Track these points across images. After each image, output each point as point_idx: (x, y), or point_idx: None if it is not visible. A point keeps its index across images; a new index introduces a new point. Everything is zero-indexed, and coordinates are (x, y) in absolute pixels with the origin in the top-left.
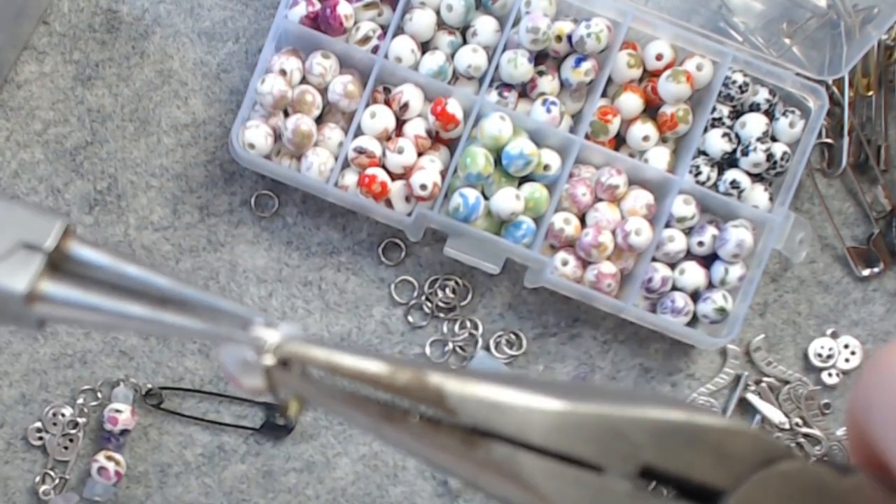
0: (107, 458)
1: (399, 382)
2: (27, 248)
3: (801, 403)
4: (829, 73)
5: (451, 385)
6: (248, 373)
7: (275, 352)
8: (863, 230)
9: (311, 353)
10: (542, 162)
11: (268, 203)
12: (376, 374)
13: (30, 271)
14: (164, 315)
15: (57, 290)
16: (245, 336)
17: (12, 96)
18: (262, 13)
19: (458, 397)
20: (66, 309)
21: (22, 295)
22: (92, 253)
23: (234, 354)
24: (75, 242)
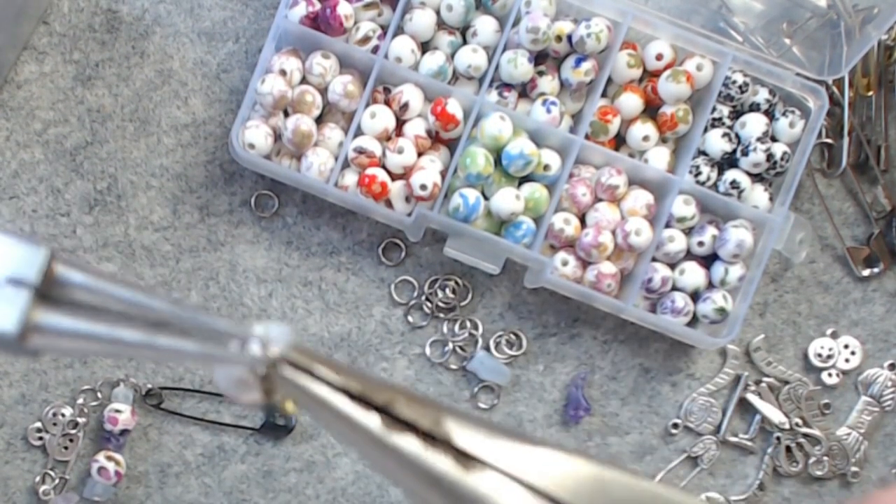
0: (107, 458)
1: (398, 405)
2: (13, 284)
3: (801, 403)
4: (829, 73)
5: (449, 415)
6: (245, 389)
7: (270, 364)
8: (863, 230)
9: (309, 366)
10: (542, 162)
11: (268, 203)
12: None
13: (18, 309)
14: (157, 339)
15: (49, 321)
16: (240, 356)
17: (12, 96)
18: (262, 13)
19: (455, 425)
20: (60, 339)
21: (14, 336)
22: (79, 276)
23: (230, 373)
24: (62, 266)
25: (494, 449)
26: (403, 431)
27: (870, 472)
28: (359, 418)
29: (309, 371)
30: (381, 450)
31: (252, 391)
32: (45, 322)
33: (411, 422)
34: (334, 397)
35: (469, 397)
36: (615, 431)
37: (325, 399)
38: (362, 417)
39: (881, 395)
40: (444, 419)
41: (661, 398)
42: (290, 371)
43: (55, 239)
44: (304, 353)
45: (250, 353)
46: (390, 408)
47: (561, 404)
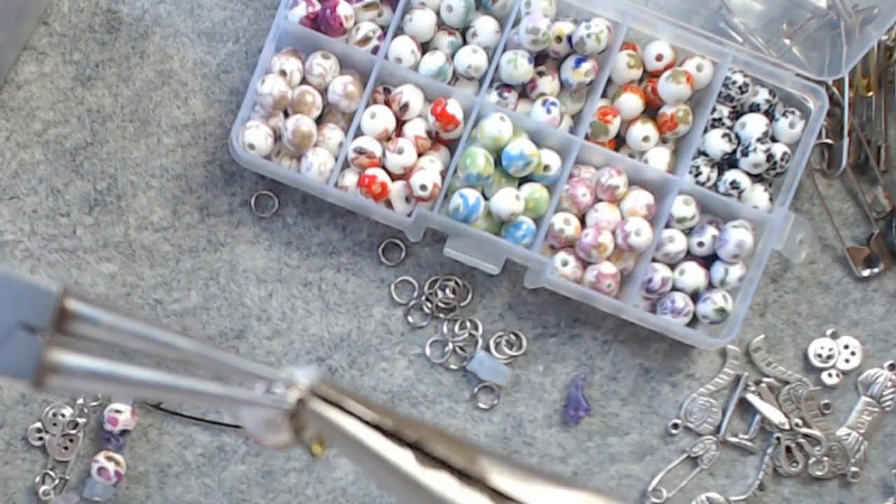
0: (107, 458)
1: (432, 443)
2: (25, 329)
3: (801, 404)
4: (829, 73)
5: (483, 454)
6: (272, 431)
7: (304, 399)
8: (863, 230)
9: (340, 401)
10: (542, 162)
11: (268, 203)
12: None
13: (32, 355)
14: (180, 381)
15: (66, 361)
16: (267, 397)
17: (12, 96)
18: (262, 13)
19: (490, 464)
20: (78, 380)
21: (29, 381)
22: (92, 310)
23: (256, 415)
24: (74, 301)
25: (531, 490)
26: (437, 468)
27: (870, 472)
28: (391, 455)
29: (339, 405)
30: (415, 488)
31: (280, 432)
32: (60, 363)
33: (445, 459)
34: (366, 433)
35: (469, 397)
36: (615, 432)
37: (356, 435)
38: (395, 454)
39: (881, 396)
40: (479, 458)
41: (661, 398)
42: (319, 405)
43: (55, 239)
44: (334, 388)
45: (278, 392)
46: (423, 444)
47: (561, 404)
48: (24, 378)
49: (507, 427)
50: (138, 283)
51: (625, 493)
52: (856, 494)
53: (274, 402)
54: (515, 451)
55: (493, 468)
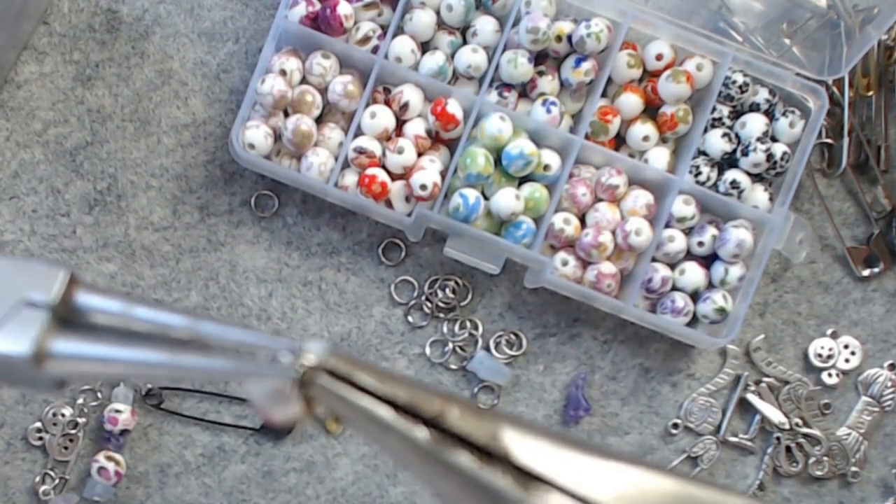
0: (107, 458)
1: (451, 417)
2: (30, 306)
3: (801, 403)
4: (829, 73)
5: (507, 427)
6: (281, 403)
7: (311, 372)
8: (863, 230)
9: (350, 374)
10: (542, 162)
11: (268, 203)
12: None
13: (33, 331)
14: (184, 358)
15: (67, 346)
16: (273, 366)
17: (12, 96)
18: (262, 13)
19: (515, 439)
20: (81, 364)
21: (28, 357)
22: (101, 300)
23: (263, 387)
24: (82, 291)
25: (560, 465)
26: (456, 446)
27: (870, 472)
28: (406, 432)
29: (350, 380)
30: (432, 467)
31: (290, 405)
32: (61, 348)
33: (465, 435)
34: (379, 408)
35: (469, 397)
36: (615, 431)
37: (368, 410)
38: (410, 431)
39: (881, 396)
40: (503, 431)
41: (661, 398)
42: (328, 381)
43: (55, 239)
44: (344, 360)
45: (283, 361)
46: (441, 420)
47: (561, 404)
48: (24, 352)
49: None
50: (138, 283)
51: None
52: (856, 494)
53: (280, 370)
54: None
55: (519, 443)
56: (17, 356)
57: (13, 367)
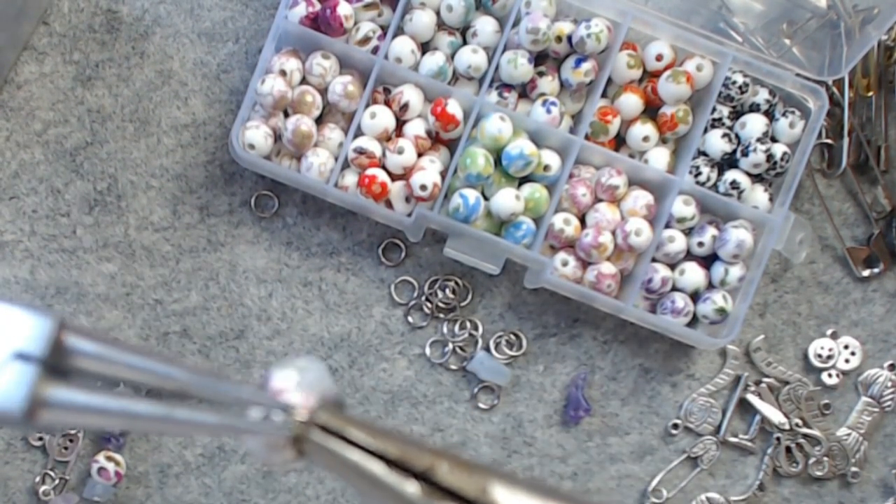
0: (107, 458)
1: (441, 472)
2: (21, 359)
3: (801, 404)
4: (829, 73)
5: (497, 482)
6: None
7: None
8: (863, 230)
9: (341, 430)
10: (542, 162)
11: (268, 203)
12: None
13: (25, 386)
14: (177, 413)
15: (58, 396)
16: (264, 425)
17: (12, 96)
18: (262, 13)
19: (504, 494)
20: (71, 414)
21: (22, 414)
22: (90, 345)
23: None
24: (72, 335)
25: None
26: (446, 501)
27: (870, 472)
28: (397, 486)
29: (341, 435)
30: None
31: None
32: (54, 397)
33: (455, 490)
34: (370, 463)
35: (469, 398)
36: (615, 432)
37: (359, 465)
38: (400, 485)
39: (881, 396)
40: (492, 486)
41: (661, 398)
42: (320, 436)
43: (55, 239)
44: (334, 416)
45: (276, 420)
46: (432, 474)
47: (561, 404)
48: (17, 408)
49: (507, 427)
50: (138, 283)
51: (625, 493)
52: (856, 494)
53: (273, 429)
54: (515, 451)
55: (509, 496)
56: (11, 412)
57: (6, 420)
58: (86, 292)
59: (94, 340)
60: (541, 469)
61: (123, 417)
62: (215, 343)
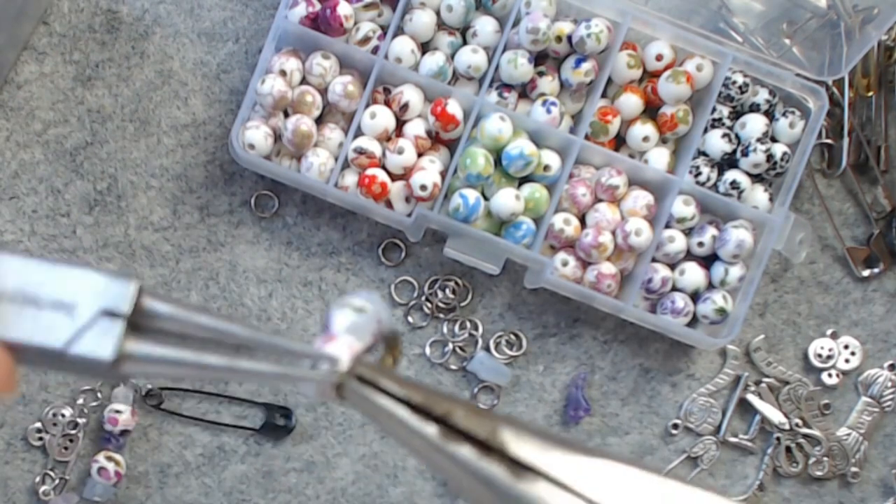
0: (107, 458)
1: (457, 416)
2: (107, 315)
3: (801, 404)
4: (829, 73)
5: (505, 425)
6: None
7: (344, 376)
8: (863, 230)
9: (375, 379)
10: (542, 162)
11: (268, 203)
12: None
13: (113, 338)
14: (239, 363)
15: (140, 350)
16: (313, 373)
17: (12, 96)
18: (262, 13)
19: (511, 435)
20: (150, 365)
21: (109, 362)
22: (164, 306)
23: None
24: (149, 299)
25: (550, 458)
26: (460, 441)
27: (870, 472)
28: (418, 427)
29: (374, 384)
30: (439, 456)
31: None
32: (136, 350)
33: (468, 431)
34: (397, 408)
35: (469, 398)
36: (615, 432)
37: (388, 409)
38: (421, 427)
39: (881, 396)
40: (501, 430)
41: (661, 398)
42: (357, 385)
43: (55, 239)
44: (369, 368)
45: (322, 368)
46: (449, 418)
47: (561, 404)
48: (106, 358)
49: None
50: None
51: None
52: (856, 494)
53: (319, 375)
54: None
55: (515, 439)
56: (101, 360)
57: (95, 368)
58: None
59: (169, 303)
60: None
61: (196, 368)
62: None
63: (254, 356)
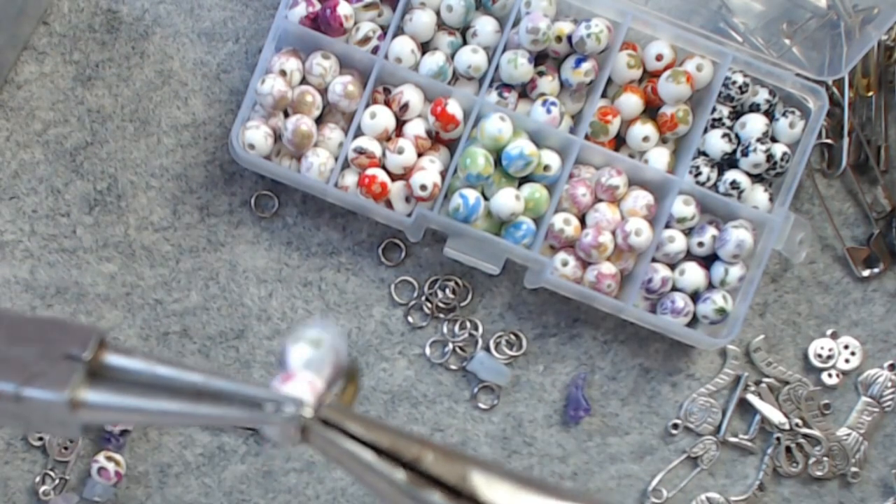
0: (107, 458)
1: (426, 461)
2: (67, 360)
3: (801, 404)
4: (829, 73)
5: (476, 470)
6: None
7: (309, 421)
8: (863, 230)
9: (341, 423)
10: (542, 162)
11: (268, 203)
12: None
13: (70, 381)
14: (200, 409)
15: (97, 397)
16: (281, 417)
17: (12, 96)
18: (262, 13)
19: (481, 480)
20: (107, 413)
21: (65, 402)
22: (125, 360)
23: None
24: (110, 352)
25: (521, 503)
26: (430, 487)
27: (870, 472)
28: (386, 473)
29: (340, 427)
30: (409, 503)
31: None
32: (93, 397)
33: (438, 477)
34: (363, 452)
35: (469, 398)
36: (615, 432)
37: (354, 453)
38: (390, 472)
39: (881, 396)
40: (472, 474)
41: (661, 398)
42: (322, 428)
43: (55, 239)
44: (335, 411)
45: (286, 412)
46: (418, 463)
47: (561, 404)
48: (62, 399)
49: (507, 427)
50: (138, 283)
51: (625, 492)
52: (856, 494)
53: (284, 419)
54: (515, 451)
55: (487, 483)
56: (57, 401)
57: (50, 410)
58: (86, 292)
59: (129, 355)
60: (541, 469)
61: (153, 414)
62: (215, 343)
63: (215, 401)
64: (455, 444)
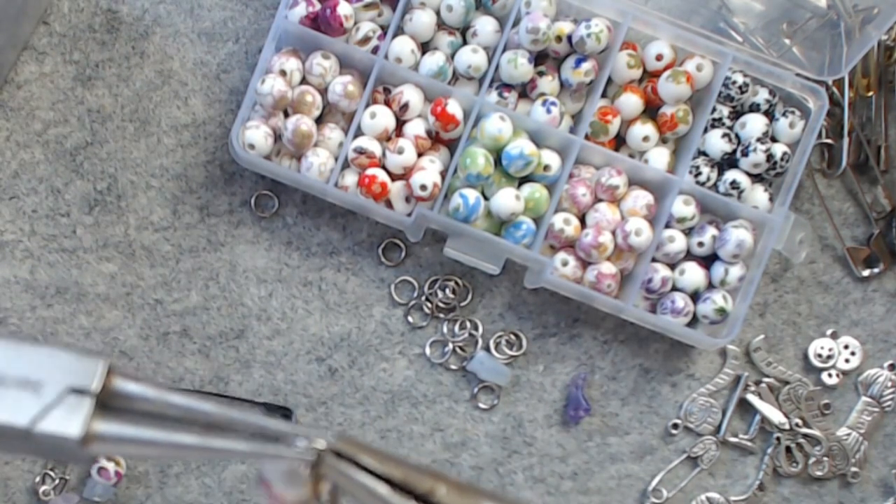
0: (107, 458)
1: (439, 494)
2: (75, 393)
3: (801, 404)
4: (829, 73)
5: (489, 502)
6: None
7: (323, 454)
8: (863, 230)
9: (354, 455)
10: (542, 162)
11: (268, 203)
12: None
13: (81, 415)
14: (212, 441)
15: (109, 429)
16: (294, 450)
17: (12, 96)
18: (262, 13)
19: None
20: (120, 445)
21: (77, 440)
22: (136, 387)
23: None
24: (119, 379)
25: None
26: None
27: (870, 472)
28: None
29: (354, 460)
30: None
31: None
32: (105, 430)
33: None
34: (377, 486)
35: (469, 397)
36: (615, 431)
37: (368, 486)
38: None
39: (881, 396)
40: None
41: (661, 398)
42: (336, 461)
43: (55, 239)
44: (349, 444)
45: (300, 445)
46: (431, 496)
47: (561, 404)
48: (74, 435)
49: (507, 427)
50: (138, 283)
51: (625, 492)
52: (856, 494)
53: (297, 452)
54: (515, 450)
55: None
56: (68, 437)
57: (62, 446)
58: (86, 292)
59: (140, 382)
60: (541, 469)
61: (168, 448)
62: (215, 343)
63: (227, 434)
64: (455, 444)
